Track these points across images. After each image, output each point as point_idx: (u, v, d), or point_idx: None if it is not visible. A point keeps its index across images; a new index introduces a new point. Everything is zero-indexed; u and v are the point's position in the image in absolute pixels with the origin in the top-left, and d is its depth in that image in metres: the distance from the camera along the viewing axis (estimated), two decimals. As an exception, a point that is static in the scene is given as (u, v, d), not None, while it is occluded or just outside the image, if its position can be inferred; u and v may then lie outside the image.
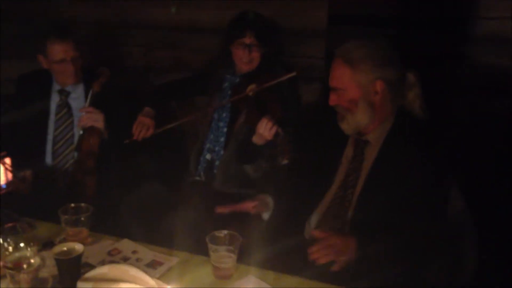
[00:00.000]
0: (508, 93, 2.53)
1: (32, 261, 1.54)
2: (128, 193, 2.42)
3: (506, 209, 2.28)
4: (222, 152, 2.55)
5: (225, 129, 2.57)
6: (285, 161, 2.11)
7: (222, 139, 2.57)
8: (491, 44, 2.58)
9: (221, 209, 1.98)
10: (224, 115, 2.59)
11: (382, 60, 1.81)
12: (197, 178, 2.62)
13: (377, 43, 1.84)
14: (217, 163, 2.56)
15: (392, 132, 1.86)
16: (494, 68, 2.56)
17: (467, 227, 1.89)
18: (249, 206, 1.98)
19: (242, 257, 1.71)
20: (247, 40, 2.46)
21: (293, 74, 2.33)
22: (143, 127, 2.47)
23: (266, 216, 2.05)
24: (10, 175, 2.17)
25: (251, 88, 2.38)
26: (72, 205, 1.83)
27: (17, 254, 1.55)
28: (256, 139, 2.28)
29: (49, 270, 1.61)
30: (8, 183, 2.16)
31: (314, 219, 2.00)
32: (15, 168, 2.18)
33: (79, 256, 1.58)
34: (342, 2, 2.74)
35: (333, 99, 1.89)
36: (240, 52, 2.49)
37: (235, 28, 2.51)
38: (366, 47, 1.83)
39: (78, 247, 1.60)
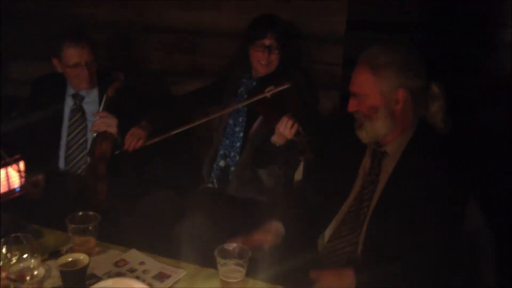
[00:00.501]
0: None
1: (35, 272, 1.51)
2: (139, 200, 2.40)
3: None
4: (237, 158, 2.52)
5: (241, 134, 2.54)
6: (307, 159, 2.09)
7: (238, 144, 2.54)
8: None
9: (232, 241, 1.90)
10: (240, 119, 2.56)
11: (407, 68, 1.75)
12: (209, 185, 2.58)
13: (402, 50, 1.78)
14: (232, 169, 2.53)
15: (412, 145, 1.80)
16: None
17: (487, 244, 1.82)
18: (261, 239, 1.90)
19: (252, 271, 1.67)
20: (267, 42, 2.46)
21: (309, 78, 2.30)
22: (134, 137, 2.43)
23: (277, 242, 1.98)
24: (23, 179, 2.16)
25: (269, 90, 2.34)
26: (80, 213, 1.80)
27: (20, 265, 1.52)
28: (276, 138, 2.25)
29: (54, 282, 1.59)
30: (21, 187, 2.15)
31: (328, 232, 1.94)
32: (28, 172, 2.16)
33: (84, 268, 1.55)
34: (361, 8, 2.69)
35: (352, 105, 1.83)
36: (259, 53, 2.47)
37: (256, 29, 2.51)
38: (391, 54, 1.77)
39: (84, 258, 1.58)
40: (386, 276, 1.64)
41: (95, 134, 2.49)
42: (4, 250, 1.55)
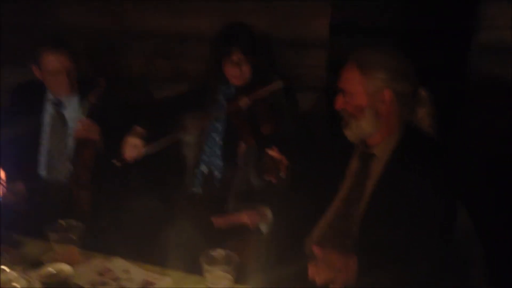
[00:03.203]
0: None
1: (14, 284, 1.46)
2: (122, 208, 2.35)
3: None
4: (220, 164, 2.50)
5: (220, 141, 2.52)
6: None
7: (218, 151, 2.52)
8: (497, 55, 2.50)
9: (218, 221, 1.90)
10: (219, 127, 2.54)
11: (395, 71, 1.76)
12: (194, 189, 2.55)
13: (392, 53, 1.80)
14: (216, 173, 2.51)
15: (399, 148, 1.80)
16: (501, 81, 2.49)
17: (474, 248, 1.82)
18: (245, 216, 1.89)
19: (241, 276, 1.64)
20: (235, 58, 2.41)
21: (279, 84, 2.29)
22: (130, 147, 2.36)
23: (264, 228, 1.97)
24: (3, 188, 2.12)
25: (243, 101, 2.33)
26: (62, 222, 1.77)
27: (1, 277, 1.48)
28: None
29: (36, 292, 1.55)
30: (2, 196, 2.10)
31: (315, 234, 1.93)
32: (9, 180, 2.12)
33: (67, 280, 1.51)
34: (345, 12, 2.68)
35: (339, 103, 1.83)
36: (230, 68, 2.44)
37: (220, 46, 2.45)
38: (380, 55, 1.78)
39: (67, 269, 1.54)
40: (375, 279, 1.62)
41: (76, 143, 2.45)
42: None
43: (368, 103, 1.77)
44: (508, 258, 2.12)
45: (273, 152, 1.95)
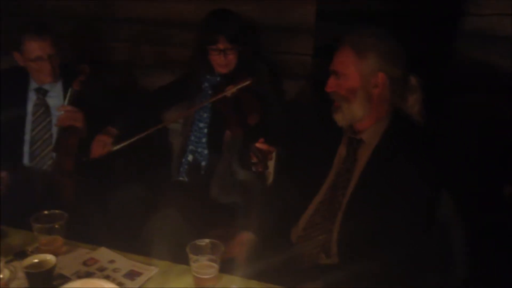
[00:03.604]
0: (502, 94, 2.46)
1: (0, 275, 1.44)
2: (107, 197, 2.33)
3: (497, 215, 2.23)
4: (206, 152, 2.49)
5: (205, 130, 2.50)
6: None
7: (204, 139, 2.50)
8: (485, 42, 2.50)
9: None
10: (204, 115, 2.52)
11: (389, 55, 1.77)
12: (180, 178, 2.54)
13: (387, 37, 1.80)
14: (203, 163, 2.50)
15: (387, 134, 1.81)
16: (489, 68, 2.49)
17: (457, 233, 1.84)
18: (234, 252, 1.87)
19: (227, 266, 1.64)
20: (221, 46, 2.39)
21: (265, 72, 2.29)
22: (99, 144, 2.37)
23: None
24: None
25: (229, 89, 2.31)
26: (46, 212, 1.74)
27: (-16, 268, 1.46)
28: None
29: (21, 283, 1.53)
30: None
31: (302, 221, 1.93)
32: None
33: (51, 269, 1.49)
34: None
35: (331, 85, 1.83)
36: (215, 57, 2.42)
37: (206, 34, 2.42)
38: (376, 38, 1.79)
39: (51, 258, 1.52)
40: (361, 265, 1.63)
41: (59, 131, 2.42)
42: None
43: (361, 86, 1.78)
44: (489, 243, 2.15)
45: (260, 144, 1.95)
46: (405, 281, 1.68)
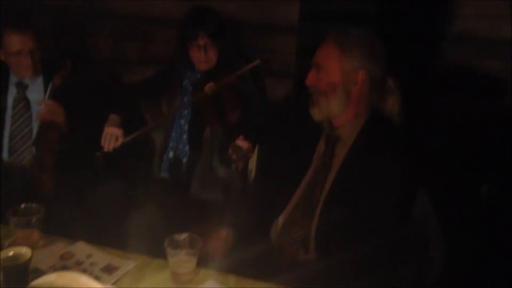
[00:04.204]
0: (481, 94, 2.49)
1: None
2: (87, 192, 2.32)
3: (473, 214, 2.26)
4: (187, 149, 2.48)
5: (186, 127, 2.50)
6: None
7: (185, 136, 2.49)
8: (465, 44, 2.53)
9: None
10: (185, 112, 2.51)
11: (372, 54, 1.78)
12: (162, 175, 2.53)
13: (370, 36, 1.82)
14: (184, 160, 2.49)
15: (364, 131, 1.82)
16: (469, 69, 2.52)
17: (434, 231, 1.86)
18: (212, 249, 1.87)
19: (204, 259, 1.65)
20: (201, 42, 2.38)
21: (246, 69, 2.28)
22: (111, 137, 2.31)
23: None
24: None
25: (209, 87, 2.30)
26: (23, 205, 1.72)
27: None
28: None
29: (-5, 276, 1.51)
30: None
31: (281, 219, 1.94)
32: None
33: (26, 262, 1.48)
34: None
35: (311, 78, 1.84)
36: (196, 53, 2.41)
37: (187, 30, 2.41)
38: (360, 36, 1.80)
39: (26, 252, 1.50)
40: (338, 260, 1.66)
41: (40, 125, 2.40)
42: None
43: (341, 82, 1.78)
44: (464, 238, 2.18)
45: (240, 141, 1.95)
46: (381, 276, 1.69)
